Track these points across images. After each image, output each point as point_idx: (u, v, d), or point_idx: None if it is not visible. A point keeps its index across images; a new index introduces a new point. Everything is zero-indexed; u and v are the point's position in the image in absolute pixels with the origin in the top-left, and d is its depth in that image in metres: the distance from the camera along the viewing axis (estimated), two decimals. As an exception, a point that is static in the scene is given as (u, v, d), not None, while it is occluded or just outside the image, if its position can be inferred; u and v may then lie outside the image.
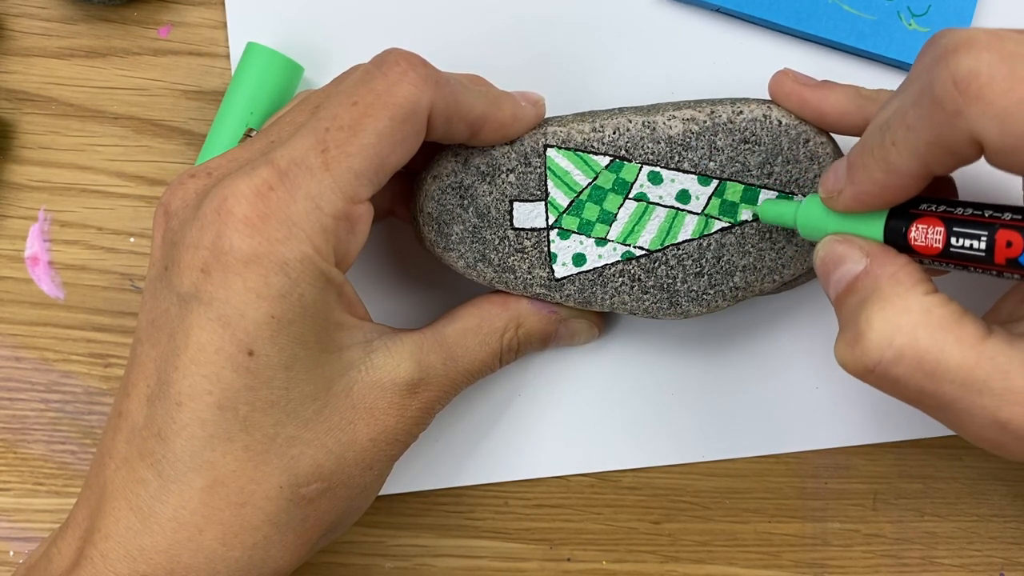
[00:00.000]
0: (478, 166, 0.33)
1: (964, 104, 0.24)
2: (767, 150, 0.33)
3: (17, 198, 0.39)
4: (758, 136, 0.33)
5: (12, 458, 0.39)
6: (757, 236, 0.34)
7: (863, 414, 0.39)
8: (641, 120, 0.33)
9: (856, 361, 0.27)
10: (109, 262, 0.39)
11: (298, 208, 0.28)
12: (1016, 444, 0.26)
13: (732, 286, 0.34)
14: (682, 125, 0.33)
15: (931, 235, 0.27)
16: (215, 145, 0.36)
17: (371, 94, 0.29)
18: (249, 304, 0.28)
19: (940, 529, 0.39)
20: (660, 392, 0.39)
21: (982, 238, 0.26)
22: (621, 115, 0.34)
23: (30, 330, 0.39)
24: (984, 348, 0.26)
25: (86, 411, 0.39)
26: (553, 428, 0.39)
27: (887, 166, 0.27)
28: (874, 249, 0.28)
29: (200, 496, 0.28)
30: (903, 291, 0.27)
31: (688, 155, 0.33)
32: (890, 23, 0.37)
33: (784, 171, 0.33)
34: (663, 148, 0.33)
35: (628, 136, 0.33)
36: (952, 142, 0.25)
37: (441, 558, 0.39)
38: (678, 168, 0.33)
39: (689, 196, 0.34)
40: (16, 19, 0.39)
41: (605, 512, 0.39)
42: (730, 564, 0.39)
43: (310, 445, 0.29)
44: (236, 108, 0.36)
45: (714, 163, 0.33)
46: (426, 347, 0.32)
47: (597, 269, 0.34)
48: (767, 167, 0.33)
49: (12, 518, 0.39)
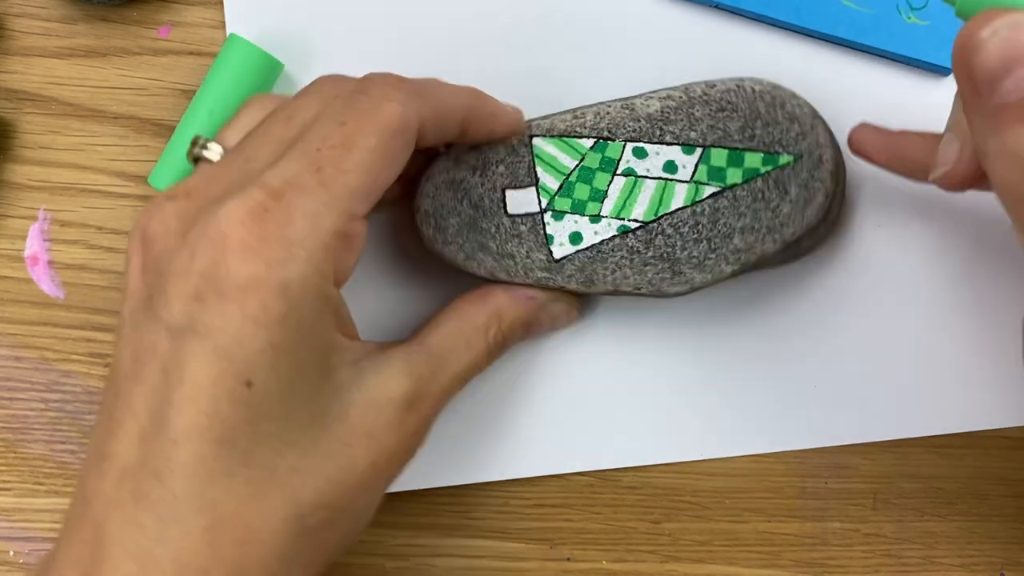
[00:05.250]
0: (469, 161, 0.35)
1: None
2: (745, 115, 0.34)
3: (17, 198, 0.39)
4: (734, 103, 0.34)
5: (12, 458, 0.39)
6: (750, 197, 0.34)
7: (863, 413, 0.39)
8: (619, 103, 0.35)
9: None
10: (109, 262, 0.39)
11: (296, 228, 0.27)
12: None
13: (733, 248, 0.34)
14: (659, 103, 0.35)
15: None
16: (185, 134, 0.36)
17: (358, 114, 0.29)
18: (247, 333, 0.27)
19: (940, 529, 0.39)
20: (660, 390, 0.39)
21: None
22: (600, 104, 0.35)
23: (30, 330, 0.39)
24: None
25: (86, 411, 0.39)
26: (553, 427, 0.39)
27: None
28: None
29: (203, 536, 0.27)
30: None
31: (669, 128, 0.34)
32: (889, 17, 0.37)
33: (765, 133, 0.34)
34: (644, 125, 0.34)
35: (609, 118, 0.35)
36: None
37: (441, 558, 0.39)
38: (661, 141, 0.34)
39: (676, 166, 0.34)
40: (16, 19, 0.39)
41: (605, 512, 0.39)
42: (730, 564, 0.39)
43: (311, 474, 0.28)
44: (207, 98, 0.36)
45: (695, 132, 0.34)
46: (414, 359, 0.32)
47: (595, 246, 0.35)
48: (747, 131, 0.34)
49: (12, 518, 0.39)
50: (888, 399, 0.38)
